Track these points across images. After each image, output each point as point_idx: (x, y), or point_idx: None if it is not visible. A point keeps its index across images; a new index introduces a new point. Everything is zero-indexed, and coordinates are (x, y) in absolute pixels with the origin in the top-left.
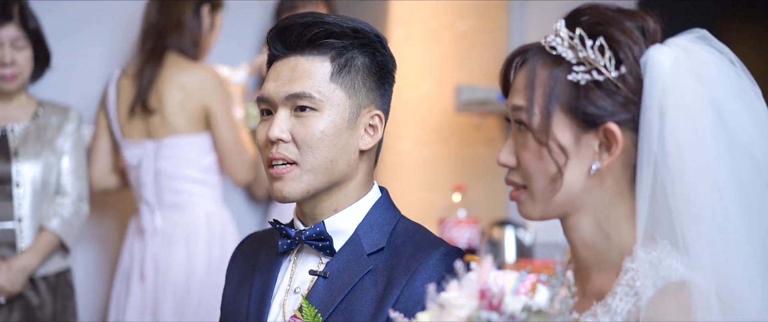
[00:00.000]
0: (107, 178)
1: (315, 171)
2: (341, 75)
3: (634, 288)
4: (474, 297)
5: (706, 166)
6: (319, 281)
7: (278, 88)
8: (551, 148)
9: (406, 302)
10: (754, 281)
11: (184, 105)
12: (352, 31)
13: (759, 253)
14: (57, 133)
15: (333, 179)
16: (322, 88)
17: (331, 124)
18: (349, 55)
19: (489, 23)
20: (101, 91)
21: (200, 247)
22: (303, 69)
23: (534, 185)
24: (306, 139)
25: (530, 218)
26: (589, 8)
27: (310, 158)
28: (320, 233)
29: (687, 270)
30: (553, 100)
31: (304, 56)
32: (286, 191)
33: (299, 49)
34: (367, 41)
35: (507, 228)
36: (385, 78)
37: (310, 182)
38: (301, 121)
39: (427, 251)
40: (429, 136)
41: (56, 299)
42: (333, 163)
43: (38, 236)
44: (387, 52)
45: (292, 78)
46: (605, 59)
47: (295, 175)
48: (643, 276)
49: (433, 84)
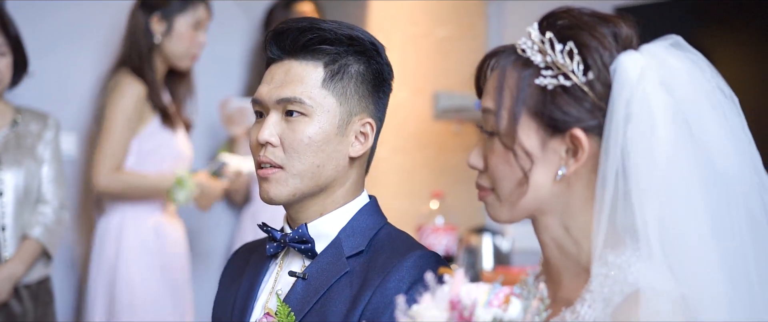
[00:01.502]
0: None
1: (301, 176)
2: (333, 81)
3: (602, 294)
4: (445, 309)
5: (667, 175)
6: (297, 282)
7: (270, 92)
8: (517, 152)
9: (378, 303)
10: (719, 288)
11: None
12: (347, 38)
13: (724, 261)
14: (37, 141)
15: (320, 184)
16: (312, 93)
17: (319, 130)
18: (343, 61)
19: (467, 30)
20: (80, 98)
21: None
22: (295, 73)
23: (501, 188)
24: (293, 144)
25: (498, 221)
26: (563, 12)
27: (296, 163)
28: (302, 236)
29: (655, 276)
30: (520, 103)
31: (297, 61)
32: (272, 193)
33: (294, 53)
34: (362, 49)
35: (485, 235)
36: (380, 86)
37: (296, 186)
38: (290, 126)
39: (403, 254)
40: (407, 143)
41: (37, 308)
42: (320, 168)
43: (22, 245)
44: (383, 60)
45: (285, 82)
46: (573, 64)
47: (280, 178)
48: (613, 282)
49: (411, 91)
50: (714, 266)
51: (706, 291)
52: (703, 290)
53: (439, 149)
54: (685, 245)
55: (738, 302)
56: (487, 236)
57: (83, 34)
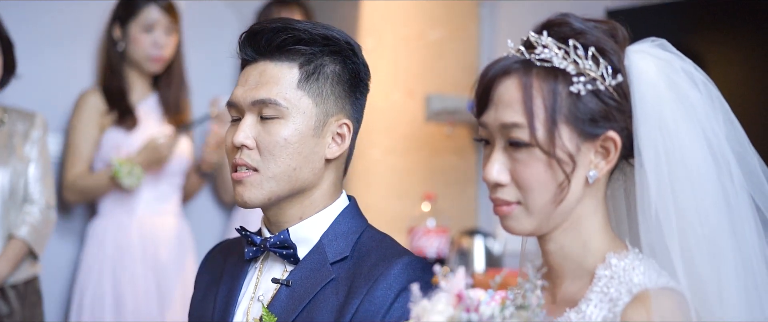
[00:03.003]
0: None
1: (277, 179)
2: (309, 82)
3: (608, 295)
4: (450, 305)
5: (696, 178)
6: (281, 289)
7: (245, 94)
8: (560, 157)
9: (366, 312)
10: (736, 291)
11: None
12: (321, 38)
13: (740, 263)
14: (23, 140)
15: (296, 187)
16: (288, 94)
17: (295, 132)
18: (318, 62)
19: (459, 32)
20: (68, 99)
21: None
22: (270, 75)
23: (534, 199)
24: (269, 147)
25: (520, 233)
26: (562, 19)
27: (272, 166)
28: (284, 241)
29: (659, 277)
30: (557, 113)
31: (272, 62)
32: (247, 196)
33: (268, 54)
34: (337, 49)
35: (476, 237)
36: (356, 86)
37: (271, 189)
38: (266, 128)
39: (389, 261)
40: (399, 145)
41: (24, 308)
42: (296, 170)
43: (8, 244)
44: (359, 60)
45: (259, 84)
46: (601, 68)
47: (255, 181)
48: (618, 283)
49: (403, 93)
50: (730, 264)
51: (721, 289)
52: (720, 292)
53: (431, 151)
54: (707, 248)
55: (748, 301)
56: (479, 239)
57: (71, 35)
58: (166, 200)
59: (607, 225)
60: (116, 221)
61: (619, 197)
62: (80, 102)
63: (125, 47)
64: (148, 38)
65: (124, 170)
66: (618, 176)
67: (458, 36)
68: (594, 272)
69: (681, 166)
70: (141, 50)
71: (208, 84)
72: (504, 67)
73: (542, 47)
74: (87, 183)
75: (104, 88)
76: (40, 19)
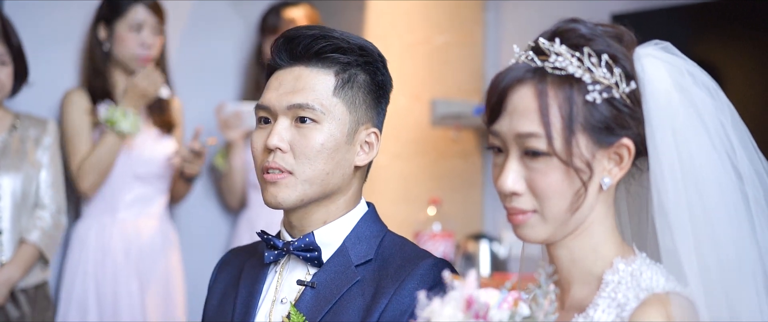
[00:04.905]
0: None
1: (310, 182)
2: (344, 90)
3: (616, 300)
4: (460, 309)
5: (709, 183)
6: (306, 291)
7: (280, 98)
8: (577, 166)
9: (394, 312)
10: (749, 296)
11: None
12: (358, 48)
13: (751, 268)
14: (35, 146)
15: (326, 191)
16: (324, 101)
17: (330, 138)
18: (352, 71)
19: (464, 38)
20: (53, 100)
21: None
22: (307, 80)
23: (551, 207)
24: (305, 151)
25: (534, 241)
26: (571, 27)
27: (307, 169)
28: (309, 244)
29: (667, 282)
30: (573, 122)
31: (308, 68)
32: (281, 197)
33: (304, 60)
34: (371, 60)
35: (482, 241)
36: (382, 97)
37: (304, 192)
38: (301, 132)
39: (415, 262)
40: (404, 149)
41: (35, 312)
42: (329, 175)
43: (19, 249)
44: (386, 73)
45: (295, 88)
46: (616, 76)
47: (290, 182)
48: (626, 288)
49: (409, 98)
50: (742, 266)
51: (735, 296)
52: (734, 296)
53: (436, 156)
54: (717, 253)
55: (761, 307)
56: (485, 243)
57: (55, 37)
58: (150, 202)
59: (615, 230)
60: (99, 223)
61: (621, 199)
62: (67, 101)
63: (111, 47)
64: (136, 38)
65: (117, 114)
66: (623, 178)
67: (464, 41)
68: (602, 278)
69: (694, 171)
70: (128, 50)
71: (208, 84)
72: (517, 75)
73: (556, 55)
74: (92, 157)
75: (89, 88)
76: (23, 21)
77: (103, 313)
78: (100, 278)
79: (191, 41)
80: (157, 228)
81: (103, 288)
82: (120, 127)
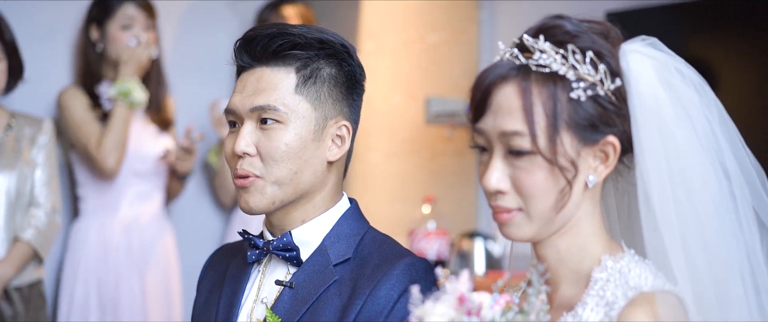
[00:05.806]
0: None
1: (280, 183)
2: (306, 86)
3: (604, 298)
4: (452, 308)
5: (696, 180)
6: (285, 291)
7: (243, 101)
8: (562, 164)
9: (370, 312)
10: (737, 294)
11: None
12: (317, 41)
13: (737, 260)
14: (30, 145)
15: (299, 191)
16: (286, 99)
17: (296, 137)
18: (314, 65)
19: (459, 36)
20: (47, 99)
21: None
22: (268, 81)
23: (536, 205)
24: (270, 153)
25: (519, 239)
26: (556, 23)
27: (275, 171)
28: (287, 244)
29: (656, 279)
30: (558, 119)
31: (269, 67)
32: (252, 203)
33: (264, 60)
34: (333, 52)
35: (476, 240)
36: (353, 88)
37: (275, 194)
38: (266, 134)
39: (392, 262)
40: (399, 148)
41: (29, 311)
42: (298, 175)
43: (13, 247)
44: (355, 62)
45: (257, 90)
46: (600, 73)
47: (259, 186)
48: (614, 286)
49: (403, 96)
50: (730, 265)
51: (723, 292)
52: (720, 290)
53: (431, 154)
54: (706, 250)
55: (749, 304)
56: (479, 241)
57: (45, 35)
58: (149, 199)
59: (602, 227)
60: (99, 221)
61: (609, 196)
62: (66, 96)
63: (104, 48)
64: (127, 35)
65: (128, 86)
66: (610, 175)
67: (458, 39)
68: (590, 275)
69: (681, 169)
70: (120, 48)
71: (203, 81)
72: (501, 73)
73: (540, 52)
74: (111, 134)
75: (83, 88)
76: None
77: (104, 310)
78: (102, 275)
79: (186, 39)
80: (156, 224)
81: (105, 286)
82: (134, 97)
